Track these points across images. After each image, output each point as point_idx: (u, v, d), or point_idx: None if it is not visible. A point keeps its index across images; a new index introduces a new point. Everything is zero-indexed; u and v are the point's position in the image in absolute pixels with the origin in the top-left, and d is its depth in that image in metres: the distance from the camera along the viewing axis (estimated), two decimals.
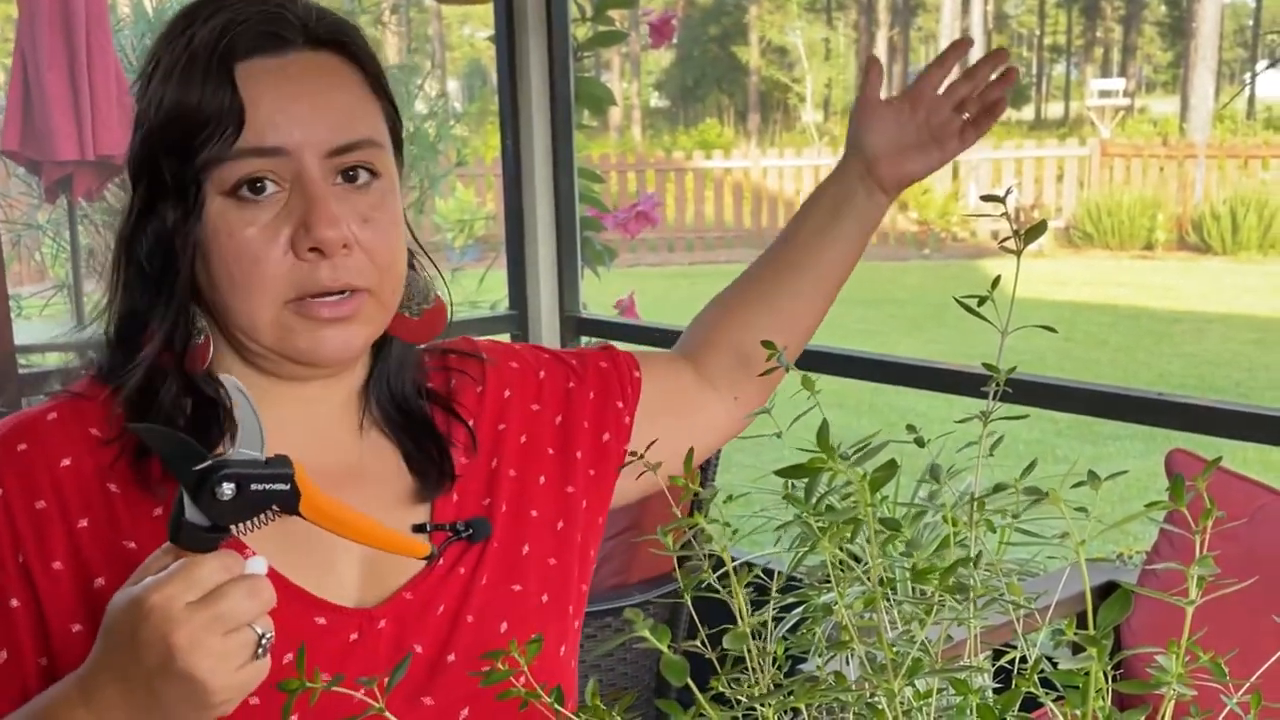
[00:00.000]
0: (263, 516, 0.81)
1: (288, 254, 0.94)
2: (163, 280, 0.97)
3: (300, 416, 1.04)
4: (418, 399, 1.09)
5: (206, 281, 0.97)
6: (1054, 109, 29.04)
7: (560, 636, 1.10)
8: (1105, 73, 28.72)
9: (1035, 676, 0.65)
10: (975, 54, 1.24)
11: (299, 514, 0.81)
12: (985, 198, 0.80)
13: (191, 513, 0.79)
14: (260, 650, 0.80)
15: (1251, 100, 21.59)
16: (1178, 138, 15.61)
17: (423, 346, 1.14)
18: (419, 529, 1.05)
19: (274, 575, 0.85)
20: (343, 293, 0.96)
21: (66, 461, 0.97)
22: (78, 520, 0.96)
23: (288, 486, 0.81)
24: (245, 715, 0.86)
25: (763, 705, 0.68)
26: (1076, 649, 0.69)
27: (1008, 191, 0.81)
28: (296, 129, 0.94)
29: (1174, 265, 11.99)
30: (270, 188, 0.94)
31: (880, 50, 24.74)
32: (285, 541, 0.98)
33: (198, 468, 0.79)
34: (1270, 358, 8.35)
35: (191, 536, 0.79)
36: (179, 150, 0.94)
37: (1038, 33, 31.16)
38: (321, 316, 0.96)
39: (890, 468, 0.67)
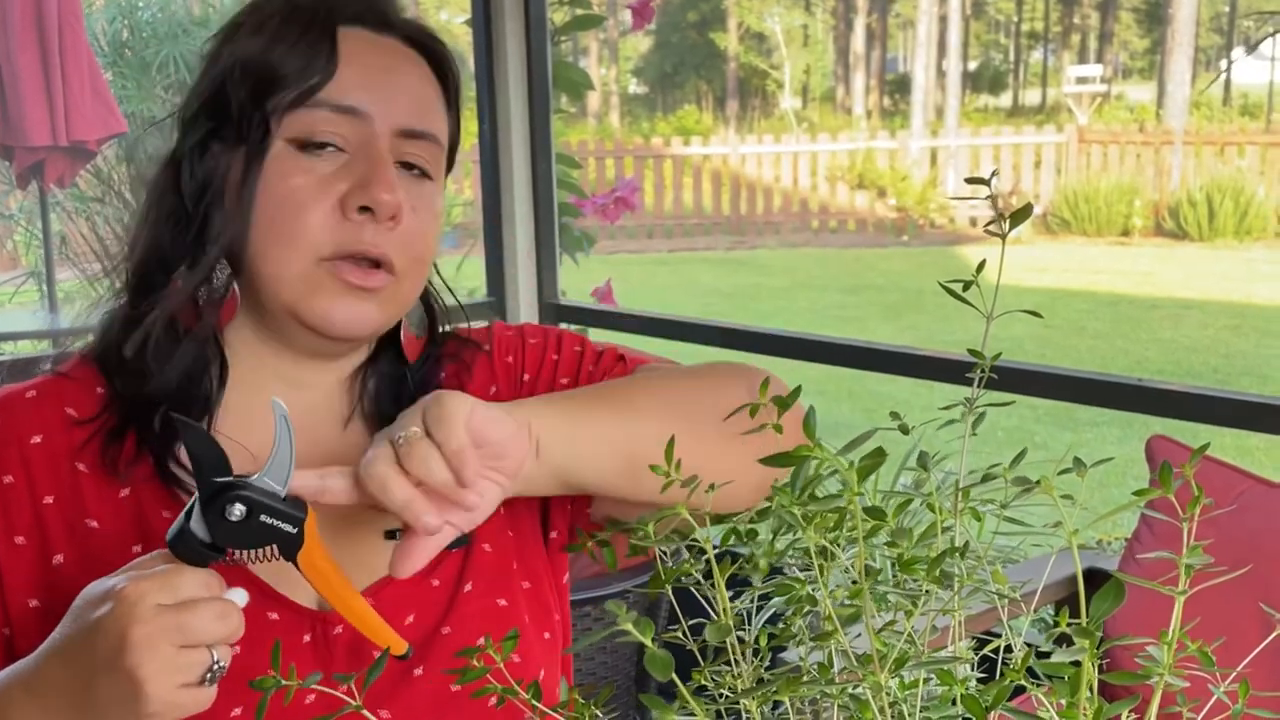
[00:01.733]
0: (259, 553, 0.80)
1: (335, 210, 0.95)
2: (201, 227, 0.97)
3: (288, 400, 1.02)
4: (412, 397, 1.06)
5: (244, 229, 0.96)
6: (1031, 96, 29.11)
7: (543, 663, 1.06)
8: (1082, 59, 28.82)
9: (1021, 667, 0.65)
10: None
11: (294, 562, 0.80)
12: (971, 180, 0.79)
13: (196, 524, 0.78)
14: (209, 677, 0.78)
15: (1228, 87, 21.70)
16: (1154, 124, 15.66)
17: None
18: (391, 535, 1.03)
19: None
20: (377, 265, 0.96)
21: (37, 439, 0.98)
22: (44, 497, 0.97)
23: (294, 531, 0.80)
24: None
25: (746, 698, 0.68)
26: (1061, 637, 0.68)
27: (993, 174, 0.80)
28: (379, 98, 0.97)
29: (1151, 252, 12.05)
30: (330, 148, 0.96)
31: (858, 37, 24.78)
32: None
33: (218, 479, 0.78)
34: (1246, 343, 8.40)
35: (187, 546, 0.79)
36: (259, 90, 0.95)
37: (1015, 19, 31.22)
38: (350, 281, 0.96)
39: (878, 455, 0.66)
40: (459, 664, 0.74)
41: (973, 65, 29.22)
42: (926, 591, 0.68)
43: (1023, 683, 0.64)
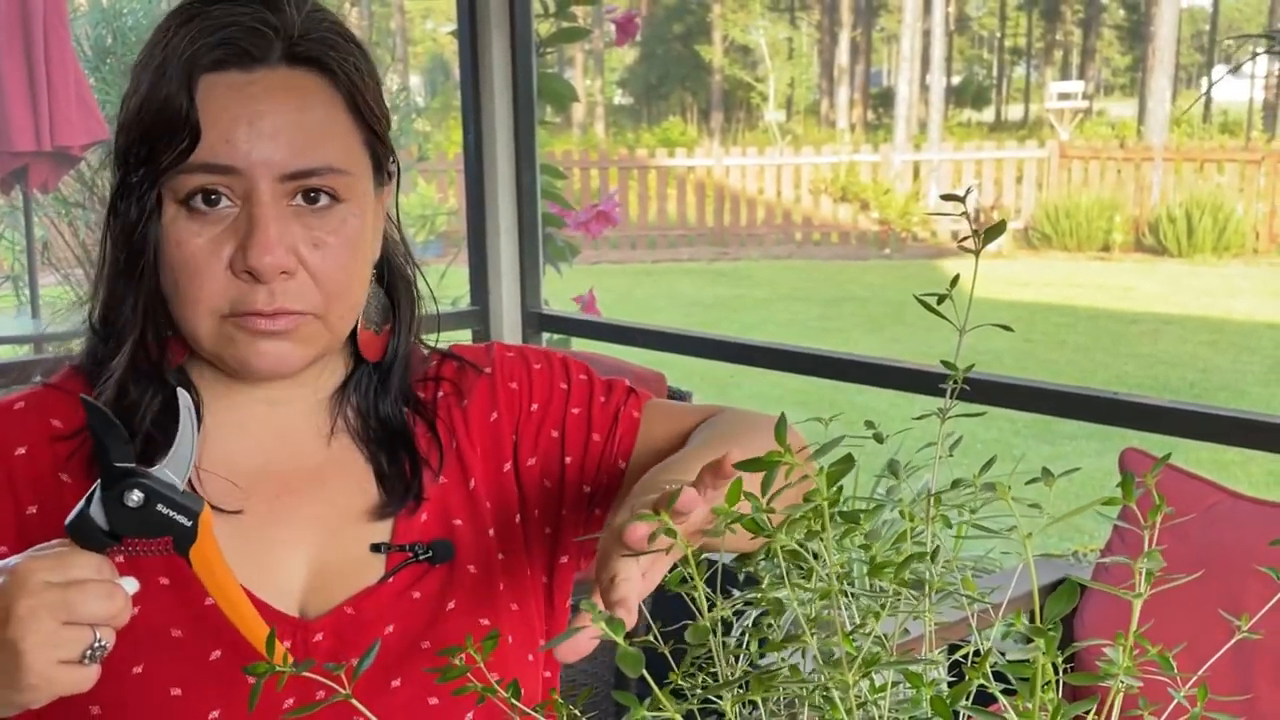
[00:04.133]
0: (153, 546, 0.81)
1: (226, 271, 0.94)
2: (131, 273, 0.97)
3: (263, 416, 1.03)
4: (400, 411, 1.06)
5: (162, 284, 0.96)
6: (1014, 111, 29.27)
7: (524, 683, 1.05)
8: (1064, 75, 29.00)
9: (987, 670, 0.66)
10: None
11: (186, 556, 0.82)
12: (945, 197, 0.81)
13: (96, 510, 0.80)
14: (89, 656, 0.80)
15: (1208, 104, 21.87)
16: (1135, 140, 15.78)
17: (438, 350, 1.11)
18: (375, 549, 1.02)
19: None
20: (276, 316, 0.94)
21: (22, 450, 0.99)
22: (27, 507, 0.98)
23: (189, 524, 0.81)
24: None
25: (719, 699, 0.69)
26: (1029, 642, 0.70)
27: (968, 191, 0.82)
28: (251, 150, 0.93)
29: (1130, 267, 12.12)
30: (223, 201, 0.93)
31: (842, 50, 24.87)
32: (233, 530, 0.98)
33: (118, 464, 0.80)
34: (1223, 359, 8.46)
35: (84, 530, 0.80)
36: (141, 153, 0.94)
37: (999, 35, 31.39)
38: (257, 328, 0.94)
39: (847, 462, 0.68)
40: (434, 678, 0.74)
41: (956, 80, 29.37)
42: (896, 594, 0.69)
43: (988, 687, 0.66)
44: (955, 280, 0.78)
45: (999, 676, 0.67)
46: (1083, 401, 2.22)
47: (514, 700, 0.67)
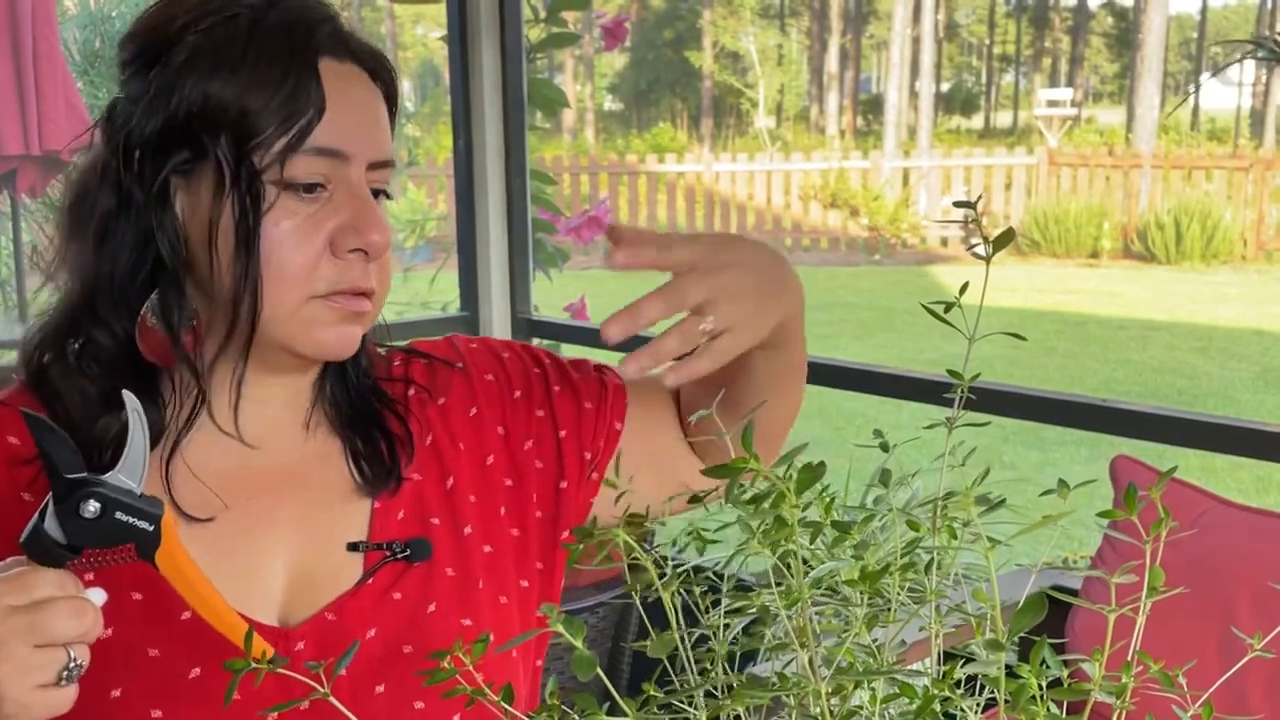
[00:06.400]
0: (116, 555, 0.79)
1: (325, 250, 0.95)
2: (178, 267, 0.95)
3: (247, 416, 1.01)
4: (367, 392, 1.06)
5: (218, 269, 0.94)
6: (1003, 118, 29.36)
7: (513, 678, 1.05)
8: (1053, 83, 29.09)
9: (958, 678, 0.66)
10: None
11: (152, 561, 0.79)
12: (959, 204, 0.81)
13: (50, 524, 0.77)
14: (66, 676, 0.78)
15: (1196, 112, 21.95)
16: (1124, 148, 15.82)
17: (396, 346, 1.12)
18: (354, 548, 1.01)
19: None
20: (364, 294, 0.97)
21: None
22: None
23: (150, 528, 0.79)
24: None
25: (693, 708, 0.69)
26: (1023, 653, 0.70)
27: (978, 198, 0.82)
28: (357, 135, 0.96)
29: (1119, 273, 12.15)
30: (319, 188, 0.95)
31: (832, 57, 24.92)
32: (209, 541, 0.96)
33: (70, 476, 0.77)
34: (1211, 365, 8.49)
35: (41, 547, 0.77)
36: (241, 137, 0.92)
37: (987, 42, 31.49)
38: (348, 308, 0.96)
39: (817, 469, 0.68)
40: (419, 682, 0.73)
41: (945, 87, 29.45)
42: (884, 604, 0.69)
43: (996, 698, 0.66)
44: (965, 288, 0.78)
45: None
46: (1074, 408, 2.22)
47: (506, 705, 0.67)
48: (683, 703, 0.71)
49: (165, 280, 0.95)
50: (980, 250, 0.78)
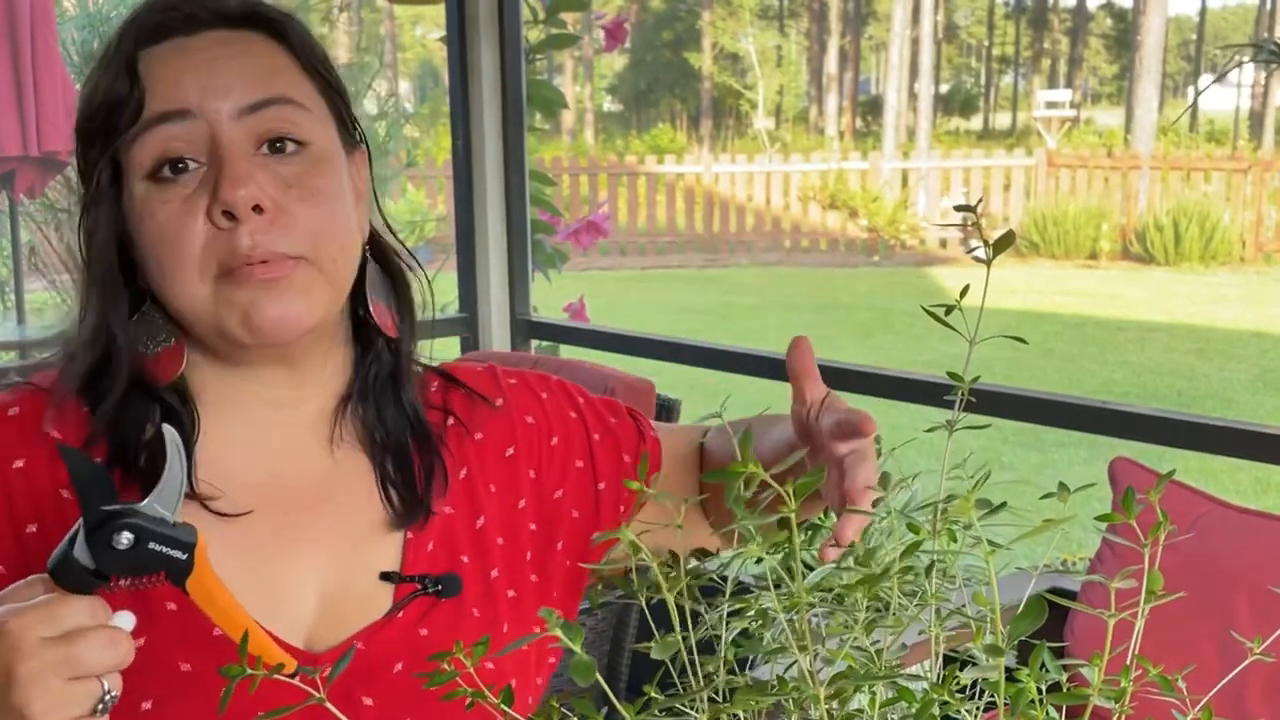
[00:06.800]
0: (146, 581, 0.78)
1: (206, 225, 0.91)
2: (101, 274, 0.94)
3: (268, 423, 1.00)
4: (407, 421, 1.03)
5: (145, 275, 0.94)
6: (1002, 119, 29.37)
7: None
8: (1052, 84, 29.10)
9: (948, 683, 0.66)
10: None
11: (183, 588, 0.78)
12: (960, 208, 0.81)
13: (80, 551, 0.76)
14: (101, 708, 0.76)
15: (1194, 113, 21.95)
16: (1122, 149, 15.82)
17: (432, 368, 1.09)
18: (386, 577, 0.99)
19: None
20: (265, 260, 0.91)
21: (19, 463, 0.94)
22: (26, 525, 0.93)
23: (184, 557, 0.77)
24: None
25: (696, 711, 0.69)
26: (1023, 656, 0.70)
27: (978, 202, 0.82)
28: (204, 92, 0.92)
29: (1118, 275, 12.15)
30: (190, 165, 0.92)
31: (831, 58, 24.92)
32: (242, 559, 0.95)
33: (105, 508, 0.76)
34: (1210, 367, 8.49)
35: (71, 574, 0.76)
36: (96, 142, 0.93)
37: (986, 43, 31.50)
38: (252, 278, 0.91)
39: (816, 474, 0.67)
40: (448, 716, 0.73)
41: (944, 88, 29.46)
42: (883, 607, 0.69)
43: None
44: (965, 291, 0.78)
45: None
46: (1073, 410, 2.22)
47: (504, 707, 0.67)
48: (685, 706, 0.71)
49: (115, 293, 0.95)
50: (981, 253, 0.77)
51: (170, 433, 0.80)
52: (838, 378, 2.59)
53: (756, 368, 2.68)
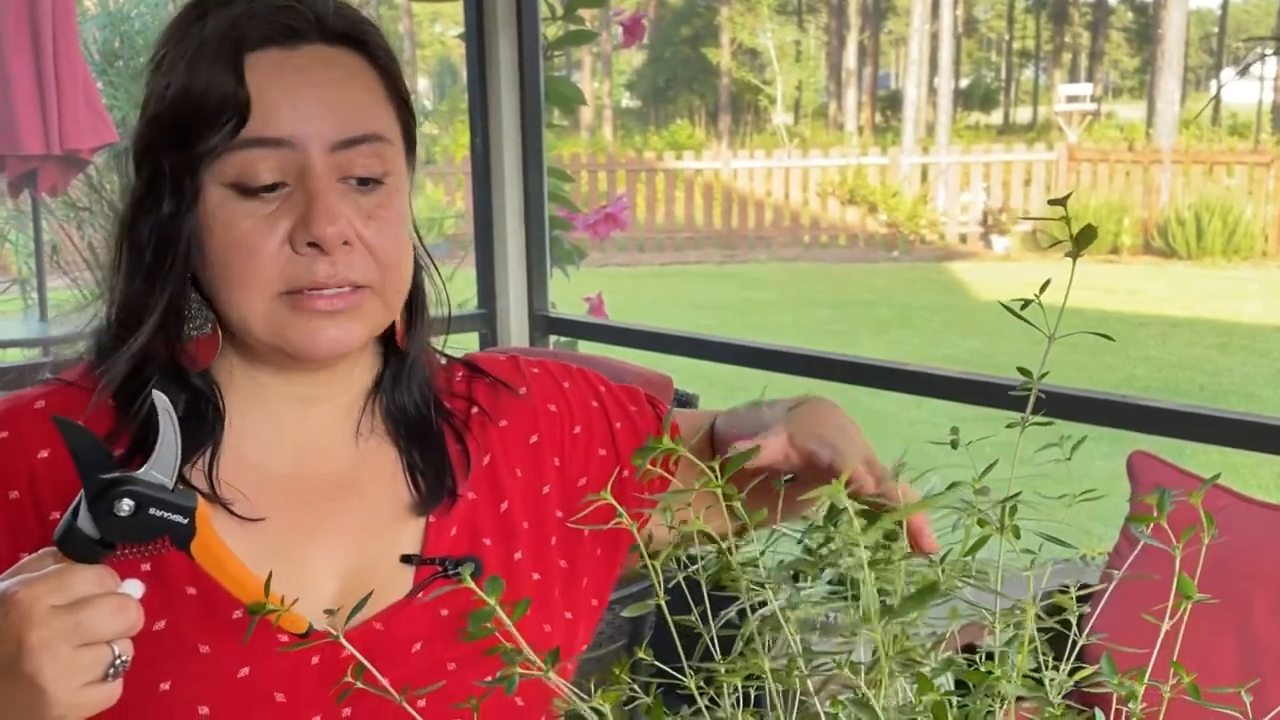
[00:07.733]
0: (151, 547, 0.80)
1: (284, 247, 0.93)
2: (158, 269, 0.95)
3: (296, 417, 1.01)
4: (425, 407, 1.05)
5: (204, 274, 0.95)
6: (1022, 113, 29.23)
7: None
8: (1073, 78, 28.96)
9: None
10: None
11: (188, 552, 0.80)
12: (1052, 202, 0.81)
13: (84, 521, 0.78)
14: (112, 673, 0.78)
15: (1217, 107, 21.82)
16: (1144, 143, 15.75)
17: (457, 359, 1.11)
18: (407, 559, 1.01)
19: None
20: (341, 288, 0.95)
21: (45, 453, 0.96)
22: (50, 513, 0.95)
23: (185, 521, 0.79)
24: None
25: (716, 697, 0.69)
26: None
27: (1068, 196, 0.82)
28: (303, 120, 0.94)
29: (1140, 269, 12.09)
30: (273, 182, 0.93)
31: (850, 53, 24.86)
32: (263, 543, 0.96)
33: (104, 476, 0.78)
34: (1232, 361, 8.44)
35: (76, 544, 0.78)
36: (181, 139, 0.93)
37: (1007, 37, 31.36)
38: (317, 309, 0.94)
39: (750, 453, 0.67)
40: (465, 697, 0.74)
41: (964, 83, 29.35)
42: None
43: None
44: (1046, 285, 0.78)
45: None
46: (1094, 404, 2.21)
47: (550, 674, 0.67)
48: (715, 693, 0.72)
49: (174, 287, 0.96)
50: (1068, 250, 0.78)
51: (161, 399, 0.82)
52: (856, 373, 2.58)
53: (774, 363, 2.68)
